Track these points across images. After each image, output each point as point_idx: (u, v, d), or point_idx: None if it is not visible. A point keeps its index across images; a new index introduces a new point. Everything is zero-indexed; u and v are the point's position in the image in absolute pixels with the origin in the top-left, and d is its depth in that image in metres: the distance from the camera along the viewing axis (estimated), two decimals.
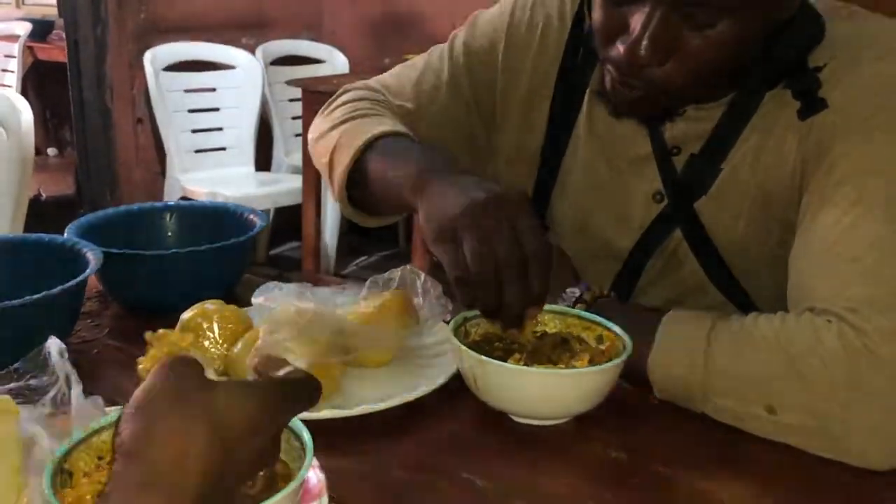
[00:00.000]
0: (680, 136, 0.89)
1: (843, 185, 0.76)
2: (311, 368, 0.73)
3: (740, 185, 0.87)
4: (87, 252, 0.89)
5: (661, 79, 0.78)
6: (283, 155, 3.49)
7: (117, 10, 3.15)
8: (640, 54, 0.76)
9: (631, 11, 0.77)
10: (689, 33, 0.75)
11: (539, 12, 0.98)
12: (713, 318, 0.76)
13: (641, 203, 0.93)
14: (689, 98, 0.84)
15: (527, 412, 0.74)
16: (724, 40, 0.75)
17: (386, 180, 0.86)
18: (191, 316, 0.80)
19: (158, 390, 0.48)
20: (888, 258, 0.72)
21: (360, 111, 0.98)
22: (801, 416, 0.71)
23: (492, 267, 0.70)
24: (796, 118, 0.82)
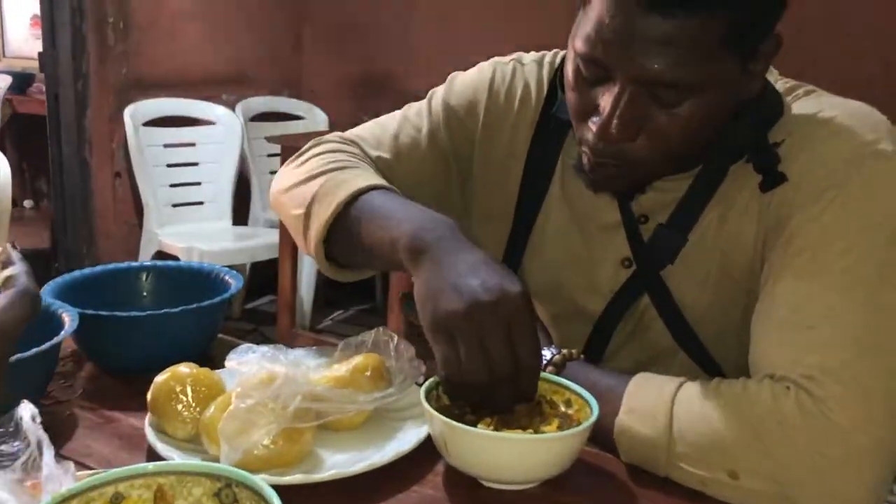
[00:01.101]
0: (647, 206, 0.92)
1: (800, 255, 0.79)
2: (282, 434, 0.74)
3: (705, 255, 0.90)
4: (62, 313, 0.89)
5: (633, 154, 0.81)
6: (261, 209, 3.51)
7: (99, 66, 3.18)
8: (611, 132, 0.79)
9: (601, 92, 0.80)
10: (656, 111, 0.79)
11: (518, 82, 1.01)
12: (678, 383, 0.79)
13: (611, 268, 0.96)
14: (661, 171, 0.88)
15: (497, 477, 0.75)
16: (690, 117, 0.79)
17: (374, 237, 0.85)
18: (164, 379, 0.81)
19: None
20: (842, 326, 0.75)
21: (339, 162, 0.96)
22: (762, 482, 0.72)
23: (485, 376, 0.72)
24: (758, 191, 0.85)
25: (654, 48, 0.75)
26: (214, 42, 3.52)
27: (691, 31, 0.74)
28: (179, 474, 0.61)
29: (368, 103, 3.60)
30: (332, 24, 3.75)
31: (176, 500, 0.61)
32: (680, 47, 0.74)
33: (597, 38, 0.77)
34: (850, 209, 0.79)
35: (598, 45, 0.77)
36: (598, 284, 0.97)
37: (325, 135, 1.07)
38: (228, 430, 0.72)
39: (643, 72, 0.76)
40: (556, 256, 0.99)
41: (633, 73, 0.76)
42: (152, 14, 3.29)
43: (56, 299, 0.93)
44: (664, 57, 0.75)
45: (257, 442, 0.72)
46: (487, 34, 3.21)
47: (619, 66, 0.77)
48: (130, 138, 3.14)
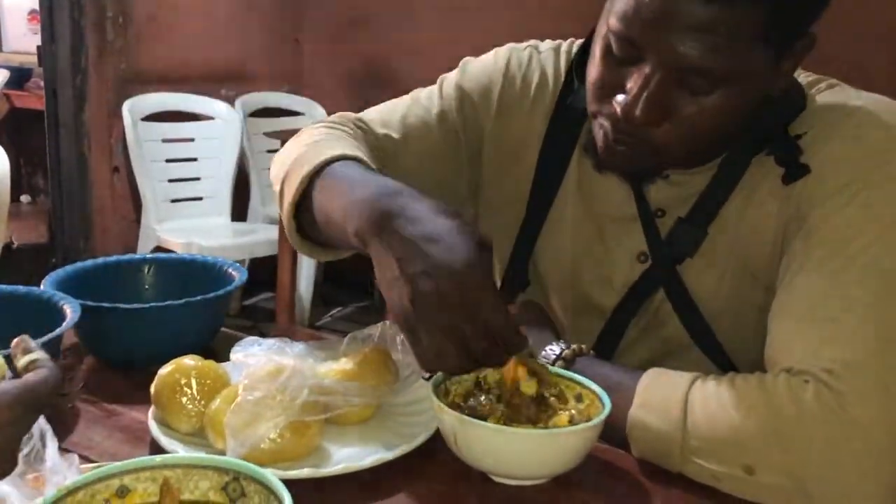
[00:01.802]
0: (664, 200, 0.91)
1: (820, 248, 0.78)
2: (289, 427, 0.73)
3: (723, 249, 0.88)
4: (64, 305, 0.88)
5: (654, 138, 0.80)
6: (260, 205, 3.49)
7: (98, 60, 3.16)
8: (636, 114, 0.77)
9: (630, 71, 0.78)
10: (684, 98, 0.77)
11: (535, 69, 1.00)
12: (692, 378, 0.77)
13: (626, 262, 0.94)
14: (677, 160, 0.86)
15: (507, 472, 0.74)
16: (718, 108, 0.78)
17: (329, 211, 0.80)
18: (168, 371, 0.79)
19: None
20: (863, 320, 0.74)
21: (319, 136, 0.92)
22: (778, 477, 0.71)
23: (456, 362, 0.69)
24: (778, 184, 0.84)
25: (691, 33, 0.73)
26: (214, 37, 3.50)
27: (731, 20, 0.72)
28: (186, 467, 0.60)
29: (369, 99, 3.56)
30: (332, 18, 3.73)
31: (182, 494, 0.60)
32: (718, 35, 0.73)
33: (634, 16, 0.75)
34: (873, 203, 0.78)
35: (635, 25, 0.76)
36: (612, 278, 0.95)
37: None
38: (235, 424, 0.71)
39: (678, 57, 0.74)
40: (570, 248, 0.98)
41: (668, 57, 0.75)
42: (151, 9, 3.27)
43: (58, 291, 0.91)
44: (701, 43, 0.73)
45: (264, 435, 0.71)
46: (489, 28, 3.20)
47: (653, 49, 0.76)
48: (129, 133, 3.12)
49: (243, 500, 0.59)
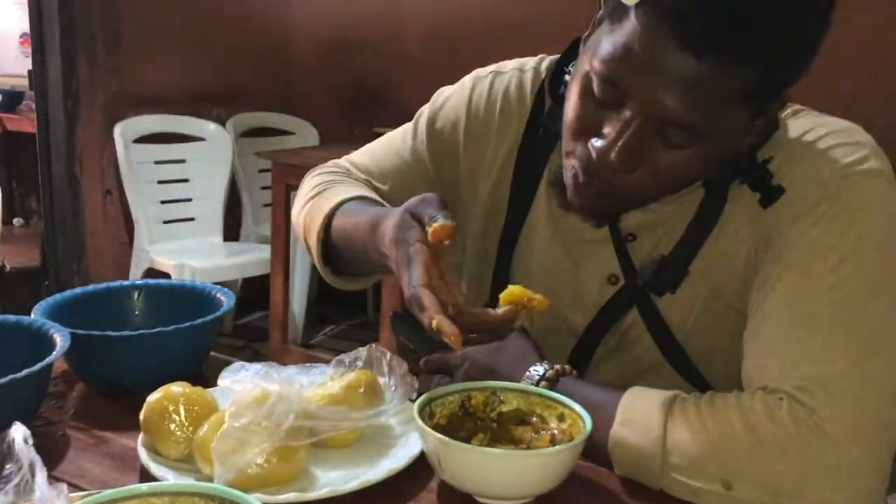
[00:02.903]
0: (635, 225, 0.92)
1: (789, 270, 0.80)
2: (275, 452, 0.74)
3: (696, 276, 0.90)
4: (54, 333, 0.89)
5: (625, 184, 0.80)
6: (252, 224, 3.51)
7: (89, 84, 3.18)
8: (611, 159, 0.77)
9: (609, 115, 0.78)
10: (660, 148, 0.78)
11: (497, 93, 1.01)
12: (672, 396, 0.79)
13: (596, 284, 0.96)
14: (642, 204, 0.88)
15: (491, 493, 0.75)
16: (690, 161, 0.79)
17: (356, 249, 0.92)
18: (157, 399, 0.80)
19: None
20: (833, 339, 0.76)
21: (318, 188, 1.03)
22: (756, 492, 0.73)
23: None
24: (749, 211, 0.85)
25: (678, 87, 0.72)
26: (204, 58, 3.52)
27: (719, 80, 0.72)
28: (173, 494, 0.61)
29: (359, 118, 3.61)
30: (323, 38, 3.76)
31: None
32: (703, 92, 0.72)
33: (621, 60, 0.74)
34: (840, 223, 0.79)
35: (622, 69, 0.75)
36: (583, 298, 0.97)
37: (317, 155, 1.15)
38: (222, 450, 0.72)
39: (660, 107, 0.74)
40: (541, 269, 0.99)
41: (650, 106, 0.74)
42: (141, 31, 3.29)
43: (47, 319, 0.93)
44: (685, 98, 0.73)
45: (251, 461, 0.72)
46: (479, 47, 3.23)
47: (636, 95, 0.75)
48: (121, 155, 3.14)
49: None
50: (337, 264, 1.01)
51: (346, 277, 1.03)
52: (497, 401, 0.84)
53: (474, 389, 0.84)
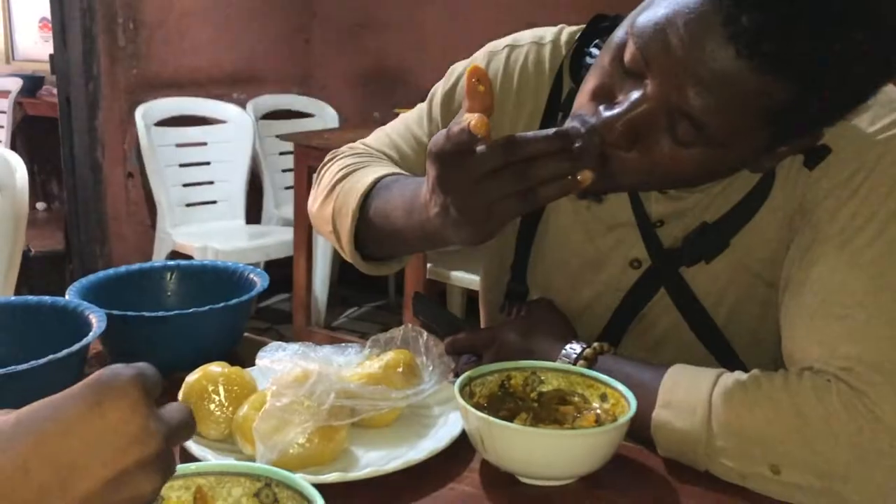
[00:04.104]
0: (664, 212, 0.90)
1: (828, 242, 0.78)
2: (317, 431, 0.73)
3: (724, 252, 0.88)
4: (89, 314, 0.88)
5: (617, 161, 0.74)
6: (274, 207, 3.50)
7: (110, 67, 3.18)
8: (611, 132, 0.72)
9: (627, 84, 0.73)
10: (664, 139, 0.72)
11: (514, 68, 0.97)
12: (715, 376, 0.77)
13: (618, 269, 0.94)
14: (624, 190, 0.85)
15: (534, 473, 0.74)
16: (688, 163, 0.73)
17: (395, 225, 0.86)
18: (196, 379, 0.80)
19: None
20: (876, 315, 0.74)
21: (346, 169, 0.99)
22: (805, 476, 0.71)
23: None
24: (783, 177, 0.83)
25: (707, 78, 0.66)
26: (224, 40, 3.51)
27: (752, 84, 0.65)
28: (219, 474, 0.61)
29: (379, 99, 3.59)
30: (342, 19, 3.74)
31: (215, 501, 0.60)
32: (731, 93, 0.66)
33: (660, 33, 0.68)
34: (879, 193, 0.77)
35: (657, 44, 0.68)
36: (605, 284, 0.95)
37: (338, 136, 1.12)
38: (264, 430, 0.71)
39: (681, 97, 0.68)
40: (561, 256, 0.98)
41: (672, 92, 0.69)
42: (162, 14, 3.28)
43: (82, 300, 0.92)
44: (711, 93, 0.66)
45: (293, 441, 0.72)
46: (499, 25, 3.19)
47: (662, 76, 0.69)
48: (142, 139, 3.14)
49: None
50: (366, 248, 0.96)
51: (374, 262, 0.99)
52: (537, 380, 0.83)
53: (513, 369, 0.83)
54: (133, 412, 0.42)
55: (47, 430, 0.41)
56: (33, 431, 0.41)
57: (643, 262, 0.93)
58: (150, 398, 0.44)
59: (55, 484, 0.40)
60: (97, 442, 0.41)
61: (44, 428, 0.41)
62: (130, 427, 0.42)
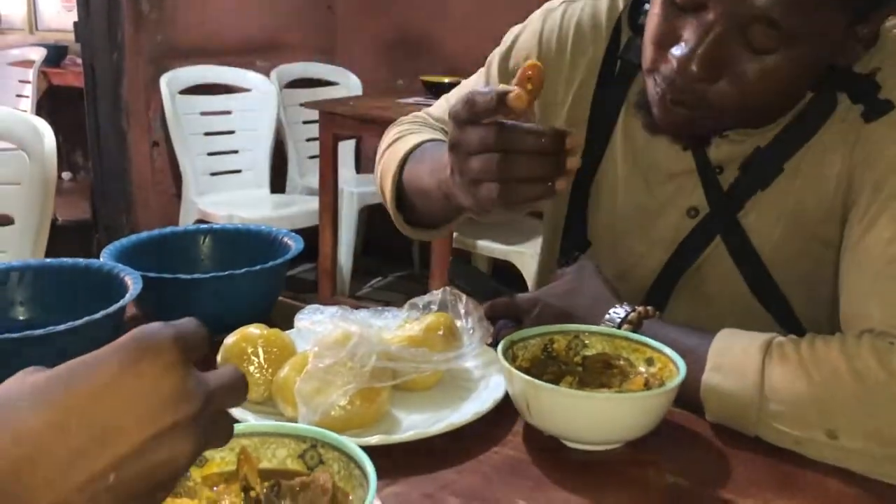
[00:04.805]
0: (723, 157, 0.89)
1: (892, 201, 0.75)
2: (359, 393, 0.72)
3: (780, 199, 0.86)
4: (125, 277, 0.88)
5: (710, 98, 0.76)
6: (298, 177, 3.49)
7: (134, 35, 3.16)
8: (691, 67, 0.73)
9: (689, 21, 0.74)
10: (745, 56, 0.73)
11: (568, 26, 0.97)
12: (767, 340, 0.75)
13: (674, 218, 0.92)
14: (736, 122, 0.83)
15: (581, 437, 0.72)
16: (779, 70, 0.73)
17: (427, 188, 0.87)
18: (234, 341, 0.79)
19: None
20: None
21: (399, 133, 1.02)
22: (865, 442, 0.69)
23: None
24: (845, 130, 0.81)
25: None
26: (248, 8, 3.48)
27: None
28: (263, 435, 0.60)
29: (403, 66, 3.55)
30: None
31: (260, 462, 0.59)
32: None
33: None
34: None
35: None
36: (661, 234, 0.93)
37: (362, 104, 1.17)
38: (306, 391, 0.70)
39: (744, 5, 0.69)
40: (617, 206, 0.96)
41: (734, 5, 0.70)
42: None
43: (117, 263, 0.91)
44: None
45: (335, 402, 0.71)
46: None
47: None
48: (167, 107, 3.12)
49: (321, 467, 0.58)
50: (410, 213, 0.98)
51: (417, 228, 1.00)
52: (581, 344, 0.81)
53: (556, 333, 0.81)
54: (168, 372, 0.40)
55: (80, 390, 0.39)
56: (67, 390, 0.39)
57: (700, 211, 0.91)
58: (189, 358, 0.42)
59: (89, 444, 0.38)
60: (132, 402, 0.39)
61: (77, 387, 0.39)
62: (166, 388, 0.40)
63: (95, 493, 0.38)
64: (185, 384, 0.41)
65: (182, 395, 0.41)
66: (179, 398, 0.40)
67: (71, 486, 0.37)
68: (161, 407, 0.40)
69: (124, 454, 0.39)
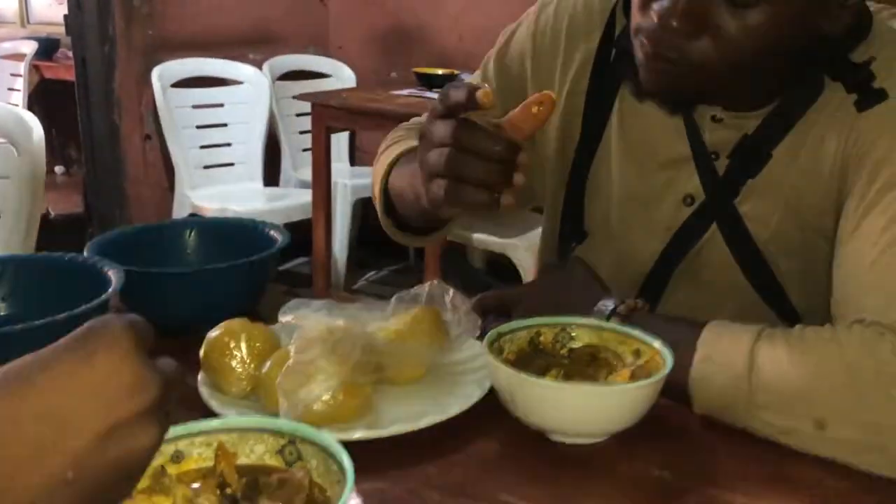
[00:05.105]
0: (718, 142, 0.88)
1: (887, 191, 0.75)
2: (342, 388, 0.71)
3: (772, 190, 0.86)
4: (108, 270, 0.87)
5: (693, 55, 0.76)
6: (292, 169, 3.48)
7: (125, 28, 3.15)
8: (672, 22, 0.74)
9: None
10: (725, 12, 0.73)
11: (562, 17, 0.97)
12: (757, 331, 0.74)
13: (671, 206, 0.92)
14: (720, 87, 0.82)
15: (566, 430, 0.72)
16: (761, 27, 0.73)
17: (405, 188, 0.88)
18: (217, 335, 0.78)
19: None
20: None
21: (392, 139, 1.02)
22: (852, 431, 0.68)
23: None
24: (839, 119, 0.80)
25: None
26: (239, 0, 3.46)
27: None
28: (242, 431, 0.59)
29: (396, 58, 3.54)
30: None
31: (238, 458, 0.58)
32: None
33: None
34: None
35: None
36: (657, 222, 0.93)
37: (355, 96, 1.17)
38: (288, 385, 0.69)
39: None
40: (613, 195, 0.96)
41: None
42: None
43: (101, 257, 0.90)
44: None
45: (317, 397, 0.70)
46: None
47: None
48: (159, 100, 3.11)
49: (300, 463, 0.58)
50: (397, 218, 0.98)
51: (407, 234, 1.00)
52: (567, 337, 0.80)
53: (543, 325, 0.81)
54: (124, 362, 0.40)
55: (36, 383, 0.38)
56: (21, 385, 0.38)
57: (696, 198, 0.90)
58: (143, 348, 0.41)
59: (49, 438, 0.37)
60: (88, 394, 0.39)
61: (32, 380, 0.38)
62: (123, 377, 0.40)
63: (53, 491, 0.37)
64: (141, 373, 0.40)
65: (140, 385, 0.40)
66: (137, 387, 0.40)
67: (28, 483, 0.37)
68: (118, 397, 0.39)
69: (84, 447, 0.38)
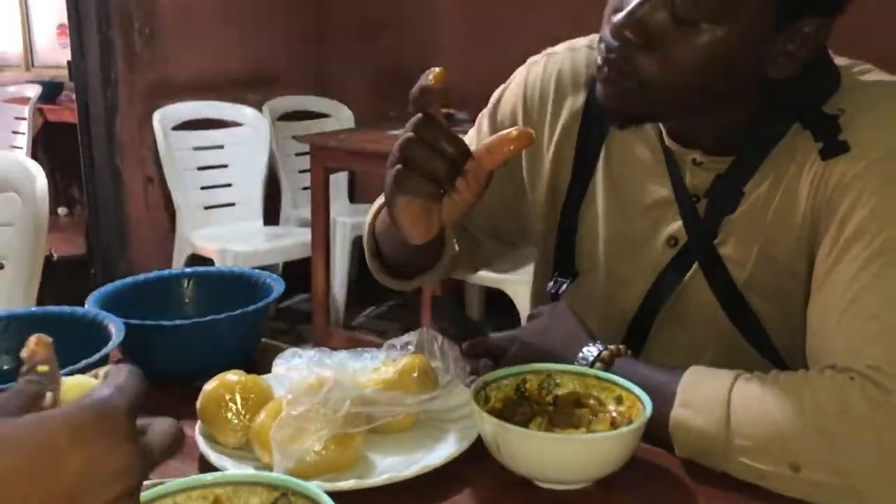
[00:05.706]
0: (698, 184, 0.92)
1: (857, 239, 0.77)
2: (333, 439, 0.74)
3: (748, 234, 0.88)
4: (108, 324, 0.90)
5: (642, 68, 0.79)
6: (292, 208, 3.52)
7: (127, 72, 3.21)
8: (625, 33, 0.78)
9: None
10: (674, 30, 0.77)
11: (550, 76, 1.01)
12: (734, 376, 0.77)
13: (656, 248, 0.95)
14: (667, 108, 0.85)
15: (550, 477, 0.74)
16: (705, 50, 0.77)
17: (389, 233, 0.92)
18: (213, 387, 0.81)
19: None
20: None
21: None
22: (826, 474, 0.71)
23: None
24: (810, 167, 0.83)
25: None
26: (239, 43, 3.53)
27: None
28: (236, 484, 0.61)
29: (395, 99, 3.59)
30: (356, 20, 3.74)
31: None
32: None
33: None
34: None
35: None
36: (642, 264, 0.96)
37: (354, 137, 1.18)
38: (280, 438, 0.72)
39: None
40: (601, 236, 0.99)
41: None
42: (177, 19, 3.31)
43: (101, 309, 0.93)
44: None
45: (309, 448, 0.72)
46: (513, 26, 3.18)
47: None
48: (160, 143, 3.16)
49: None
50: (385, 263, 1.02)
51: (394, 278, 1.03)
52: (552, 384, 0.83)
53: (529, 372, 0.83)
54: (121, 445, 0.42)
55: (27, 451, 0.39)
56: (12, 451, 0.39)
57: (679, 240, 0.94)
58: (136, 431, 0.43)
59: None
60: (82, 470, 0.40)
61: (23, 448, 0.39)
62: (118, 460, 0.41)
63: None
64: (133, 458, 0.42)
65: (130, 469, 0.42)
66: (127, 471, 0.42)
67: None
68: (110, 478, 0.41)
69: None
